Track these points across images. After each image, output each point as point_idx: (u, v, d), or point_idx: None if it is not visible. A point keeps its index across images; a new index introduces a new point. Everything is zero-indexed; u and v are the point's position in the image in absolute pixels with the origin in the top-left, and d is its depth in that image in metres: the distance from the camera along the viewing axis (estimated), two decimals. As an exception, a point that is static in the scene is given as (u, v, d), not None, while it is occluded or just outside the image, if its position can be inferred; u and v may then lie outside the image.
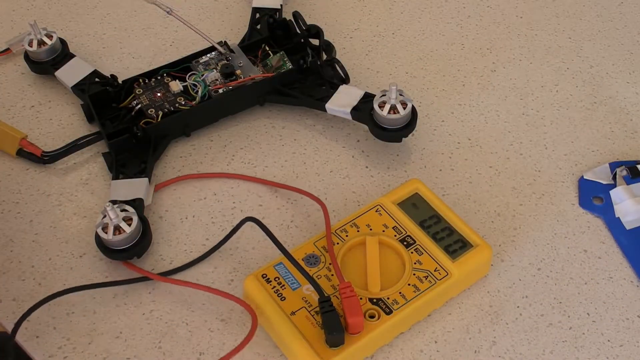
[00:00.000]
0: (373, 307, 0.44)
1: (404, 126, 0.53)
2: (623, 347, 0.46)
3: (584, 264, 0.50)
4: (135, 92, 0.55)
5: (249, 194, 0.53)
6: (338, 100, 0.54)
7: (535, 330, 0.46)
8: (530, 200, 0.53)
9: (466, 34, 0.65)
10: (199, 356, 0.45)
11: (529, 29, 0.66)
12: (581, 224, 0.52)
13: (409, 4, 0.68)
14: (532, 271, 0.49)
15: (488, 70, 0.62)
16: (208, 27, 0.65)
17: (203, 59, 0.57)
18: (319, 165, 0.55)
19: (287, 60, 0.57)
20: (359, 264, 0.46)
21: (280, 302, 0.44)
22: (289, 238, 0.50)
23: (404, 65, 0.62)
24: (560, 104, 0.60)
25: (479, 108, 0.59)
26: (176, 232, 0.50)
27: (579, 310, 0.47)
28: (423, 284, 0.45)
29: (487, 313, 0.47)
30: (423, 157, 0.56)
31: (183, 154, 0.55)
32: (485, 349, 0.45)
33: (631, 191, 0.52)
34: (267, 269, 0.46)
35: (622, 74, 0.62)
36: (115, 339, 0.45)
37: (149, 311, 0.46)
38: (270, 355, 0.45)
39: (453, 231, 0.48)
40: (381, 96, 0.53)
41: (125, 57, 0.62)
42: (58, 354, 0.44)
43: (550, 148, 0.57)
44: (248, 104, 0.57)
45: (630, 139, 0.57)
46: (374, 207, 0.49)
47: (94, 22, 0.65)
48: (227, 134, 0.56)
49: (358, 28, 0.66)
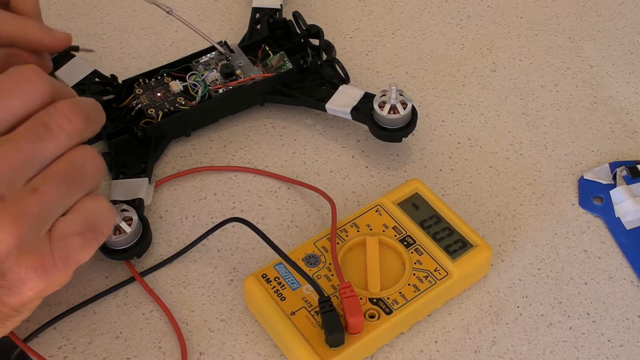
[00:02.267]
0: (373, 307, 0.44)
1: (404, 126, 0.53)
2: (623, 347, 0.46)
3: (584, 264, 0.50)
4: (135, 92, 0.55)
5: (249, 194, 0.53)
6: (338, 100, 0.54)
7: (535, 330, 0.46)
8: (530, 200, 0.53)
9: (466, 34, 0.65)
10: (199, 356, 0.45)
11: (529, 29, 0.66)
12: (581, 224, 0.52)
13: (409, 4, 0.68)
14: (532, 271, 0.49)
15: (488, 70, 0.62)
16: (208, 27, 0.65)
17: (203, 59, 0.57)
18: (319, 165, 0.55)
19: (287, 60, 0.57)
20: (359, 264, 0.46)
21: (280, 302, 0.44)
22: (289, 238, 0.50)
23: (404, 65, 0.62)
24: (560, 104, 0.60)
25: (479, 108, 0.59)
26: (176, 232, 0.50)
27: (579, 310, 0.47)
28: (423, 284, 0.45)
29: (487, 313, 0.47)
30: (423, 157, 0.56)
31: (183, 154, 0.55)
32: (485, 349, 0.45)
33: (631, 191, 0.52)
34: (267, 269, 0.46)
35: (622, 74, 0.62)
36: (115, 339, 0.45)
37: (149, 311, 0.46)
38: (270, 355, 0.45)
39: (453, 231, 0.48)
40: (381, 96, 0.53)
41: (125, 57, 0.62)
42: (58, 354, 0.44)
43: (550, 148, 0.57)
44: (248, 104, 0.57)
45: (630, 139, 0.57)
46: (374, 207, 0.49)
47: (94, 22, 0.65)
48: (227, 134, 0.56)
49: (358, 28, 0.66)
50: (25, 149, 0.35)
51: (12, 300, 0.35)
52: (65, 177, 0.36)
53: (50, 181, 0.35)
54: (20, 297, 0.35)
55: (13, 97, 0.35)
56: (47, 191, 0.35)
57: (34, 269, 0.35)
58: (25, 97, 0.36)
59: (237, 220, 0.48)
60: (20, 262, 0.34)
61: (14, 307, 0.36)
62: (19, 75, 0.36)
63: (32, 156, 0.35)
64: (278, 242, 0.47)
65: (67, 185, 0.36)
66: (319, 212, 0.52)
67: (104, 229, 0.37)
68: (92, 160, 0.37)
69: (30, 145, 0.35)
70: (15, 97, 0.36)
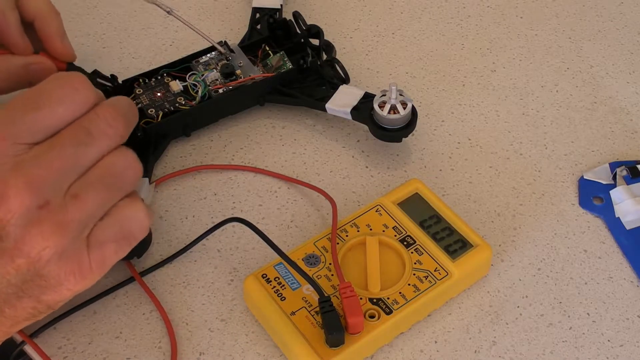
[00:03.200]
0: (373, 307, 0.44)
1: (404, 126, 0.53)
2: (623, 347, 0.46)
3: (584, 264, 0.50)
4: (136, 92, 0.55)
5: (249, 194, 0.53)
6: (338, 100, 0.54)
7: (535, 330, 0.46)
8: (530, 200, 0.53)
9: (466, 34, 0.65)
10: (199, 356, 0.45)
11: (529, 29, 0.66)
12: (581, 224, 0.52)
13: (409, 4, 0.68)
14: (532, 271, 0.49)
15: (488, 70, 0.62)
16: (208, 27, 0.65)
17: (203, 59, 0.57)
18: (319, 165, 0.55)
19: (287, 60, 0.57)
20: (359, 264, 0.46)
21: (280, 302, 0.44)
22: (289, 238, 0.50)
23: (404, 65, 0.62)
24: (560, 104, 0.60)
25: (479, 108, 0.59)
26: (176, 232, 0.50)
27: (579, 310, 0.47)
28: (423, 284, 0.45)
29: (487, 313, 0.47)
30: (423, 157, 0.56)
31: (183, 154, 0.55)
32: (485, 349, 0.45)
33: (631, 191, 0.52)
34: (267, 269, 0.46)
35: (622, 74, 0.62)
36: (115, 339, 0.45)
37: (149, 311, 0.46)
38: (270, 355, 0.45)
39: (453, 231, 0.48)
40: (381, 96, 0.53)
41: (125, 57, 0.62)
42: (58, 354, 0.44)
43: (550, 148, 0.57)
44: (248, 104, 0.57)
45: (630, 139, 0.57)
46: (374, 207, 0.49)
47: (94, 22, 0.65)
48: (227, 134, 0.56)
49: (358, 28, 0.66)
50: (69, 154, 0.36)
51: (48, 298, 0.37)
52: (104, 183, 0.37)
53: (91, 188, 0.37)
54: (58, 296, 0.37)
55: (61, 105, 0.37)
56: (88, 198, 0.36)
57: (72, 273, 0.36)
58: (73, 105, 0.37)
59: (236, 220, 0.48)
60: (60, 267, 0.36)
61: (49, 304, 0.38)
62: (67, 82, 0.37)
63: (75, 162, 0.36)
64: (278, 242, 0.47)
65: (106, 191, 0.37)
66: (319, 212, 0.52)
67: (138, 234, 0.39)
68: (130, 163, 0.38)
69: (74, 150, 0.36)
70: (63, 104, 0.37)
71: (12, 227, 0.35)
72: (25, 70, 0.49)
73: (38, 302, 0.37)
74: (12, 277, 0.36)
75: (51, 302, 0.38)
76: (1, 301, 0.37)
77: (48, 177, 0.35)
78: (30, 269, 0.36)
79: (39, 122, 0.36)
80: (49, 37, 0.50)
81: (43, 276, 0.36)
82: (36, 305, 0.37)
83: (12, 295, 0.36)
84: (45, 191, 0.35)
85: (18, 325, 0.38)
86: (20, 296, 0.37)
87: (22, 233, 0.35)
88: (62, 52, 0.49)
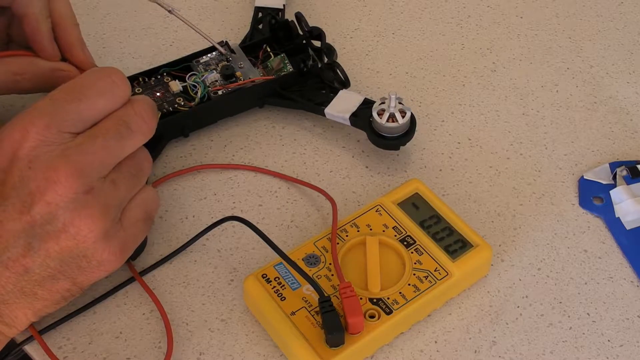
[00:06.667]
0: (373, 307, 0.44)
1: (402, 134, 0.53)
2: (623, 347, 0.46)
3: (584, 264, 0.50)
4: (135, 91, 0.55)
5: (249, 194, 0.53)
6: (337, 106, 0.54)
7: (535, 330, 0.46)
8: (530, 200, 0.53)
9: (466, 34, 0.65)
10: (199, 356, 0.45)
11: (529, 29, 0.66)
12: (581, 224, 0.52)
13: (409, 4, 0.68)
14: (532, 271, 0.49)
15: (488, 70, 0.62)
16: (209, 27, 0.65)
17: (203, 59, 0.57)
18: (319, 165, 0.55)
19: (287, 62, 0.57)
20: (359, 264, 0.46)
21: (280, 302, 0.44)
22: (289, 238, 0.50)
23: (404, 65, 0.62)
24: (560, 104, 0.60)
25: (479, 108, 0.59)
26: (176, 232, 0.50)
27: (579, 310, 0.47)
28: (423, 284, 0.45)
29: (487, 313, 0.47)
30: (423, 157, 0.56)
31: (183, 154, 0.55)
32: (485, 349, 0.45)
33: (631, 191, 0.52)
34: (267, 269, 0.46)
35: (622, 74, 0.62)
36: (115, 339, 0.45)
37: (149, 311, 0.46)
38: (270, 355, 0.45)
39: (453, 231, 0.48)
40: (380, 104, 0.52)
41: (125, 57, 0.62)
42: (58, 354, 0.44)
43: (550, 148, 0.57)
44: (247, 106, 0.57)
45: (630, 139, 0.57)
46: (374, 207, 0.49)
47: (94, 22, 0.65)
48: (227, 134, 0.56)
49: (358, 28, 0.66)
50: (111, 145, 0.40)
51: (83, 279, 0.41)
52: (133, 172, 0.42)
53: (125, 176, 0.41)
54: (95, 276, 0.41)
55: (102, 97, 0.40)
56: (122, 185, 0.41)
57: (114, 252, 0.40)
58: (113, 98, 0.41)
59: (235, 219, 0.48)
60: (104, 247, 0.40)
61: (82, 286, 0.41)
62: (107, 76, 0.41)
63: (116, 153, 0.40)
64: (278, 242, 0.47)
65: (134, 179, 0.42)
66: (319, 212, 0.52)
67: (154, 213, 0.45)
68: (146, 156, 0.44)
69: (116, 142, 0.40)
70: (103, 97, 0.40)
71: (62, 211, 0.38)
72: (51, 75, 0.50)
73: (73, 283, 0.40)
74: (52, 260, 0.38)
75: (85, 284, 0.41)
76: (36, 284, 0.39)
77: (94, 165, 0.39)
78: (74, 250, 0.39)
79: (81, 112, 0.39)
80: (70, 45, 0.51)
81: (87, 257, 0.39)
82: (71, 287, 0.40)
83: (47, 277, 0.39)
84: (91, 178, 0.39)
85: (47, 308, 0.41)
86: (57, 278, 0.39)
87: (71, 216, 0.38)
88: (83, 60, 0.51)
